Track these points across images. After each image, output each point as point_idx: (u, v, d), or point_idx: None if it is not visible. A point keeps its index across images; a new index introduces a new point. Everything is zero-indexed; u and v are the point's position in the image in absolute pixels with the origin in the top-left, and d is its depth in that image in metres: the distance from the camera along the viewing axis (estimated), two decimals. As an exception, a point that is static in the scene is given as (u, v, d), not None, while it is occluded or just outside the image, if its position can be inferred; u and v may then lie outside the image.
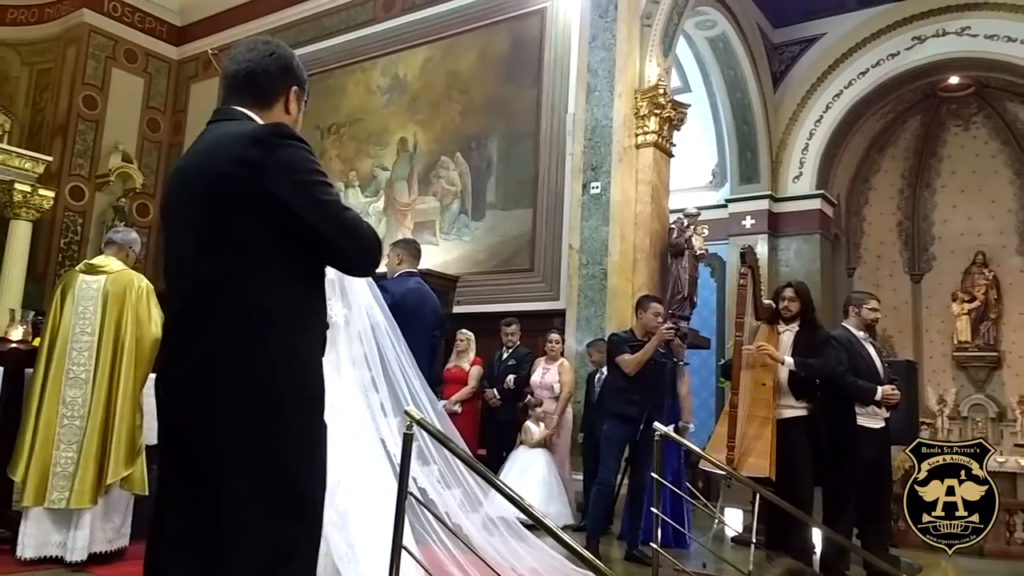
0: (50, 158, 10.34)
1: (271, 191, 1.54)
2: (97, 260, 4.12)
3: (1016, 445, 9.82)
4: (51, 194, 10.11)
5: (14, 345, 4.34)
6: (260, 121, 1.71)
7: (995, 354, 10.65)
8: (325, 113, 9.80)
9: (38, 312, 6.10)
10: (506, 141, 8.41)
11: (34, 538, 3.73)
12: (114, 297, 3.97)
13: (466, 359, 6.81)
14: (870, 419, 4.48)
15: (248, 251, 1.56)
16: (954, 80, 10.44)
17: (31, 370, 4.25)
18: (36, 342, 4.43)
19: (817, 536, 4.37)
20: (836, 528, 4.14)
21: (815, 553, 4.37)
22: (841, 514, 4.38)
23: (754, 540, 4.21)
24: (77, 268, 4.13)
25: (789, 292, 4.71)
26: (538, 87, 8.25)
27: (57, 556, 3.74)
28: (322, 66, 9.77)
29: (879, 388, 4.42)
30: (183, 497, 1.55)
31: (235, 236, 1.56)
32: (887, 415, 4.53)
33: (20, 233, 9.80)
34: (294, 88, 1.81)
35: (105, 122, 11.29)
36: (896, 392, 4.45)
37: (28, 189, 9.72)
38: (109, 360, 3.90)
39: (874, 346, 4.71)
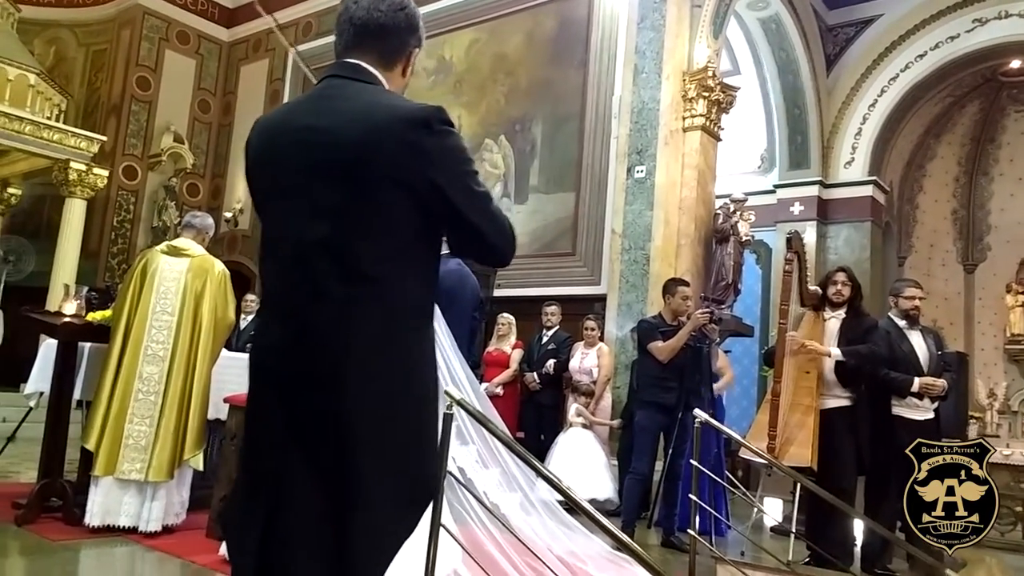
0: (104, 138, 10.59)
1: (430, 177, 1.48)
2: (179, 243, 4.27)
3: (1070, 442, 9.53)
4: (105, 173, 10.37)
5: (68, 319, 4.46)
6: (385, 83, 1.64)
7: (1050, 348, 10.32)
8: (414, 71, 9.82)
9: (91, 288, 6.27)
10: (551, 124, 8.36)
11: (102, 507, 3.88)
12: (196, 281, 4.14)
13: (507, 342, 6.83)
14: (910, 410, 4.39)
15: (398, 233, 1.49)
16: (1015, 64, 10.06)
17: (86, 344, 4.41)
18: (90, 316, 4.57)
19: (859, 528, 4.30)
20: (878, 520, 4.07)
21: (856, 545, 4.30)
22: (882, 506, 4.30)
23: (794, 530, 4.16)
24: (158, 248, 4.28)
25: (841, 276, 4.62)
26: (584, 69, 8.17)
27: (123, 526, 3.88)
28: (368, 48, 9.80)
29: (916, 380, 4.32)
30: (314, 492, 1.47)
31: (385, 216, 1.48)
32: (934, 406, 4.42)
33: (75, 211, 10.08)
34: (416, 49, 1.72)
35: (158, 103, 11.53)
36: (936, 383, 4.34)
37: (83, 168, 9.98)
38: (188, 341, 4.07)
39: (924, 335, 4.59)
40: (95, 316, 4.52)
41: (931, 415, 4.46)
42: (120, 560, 3.73)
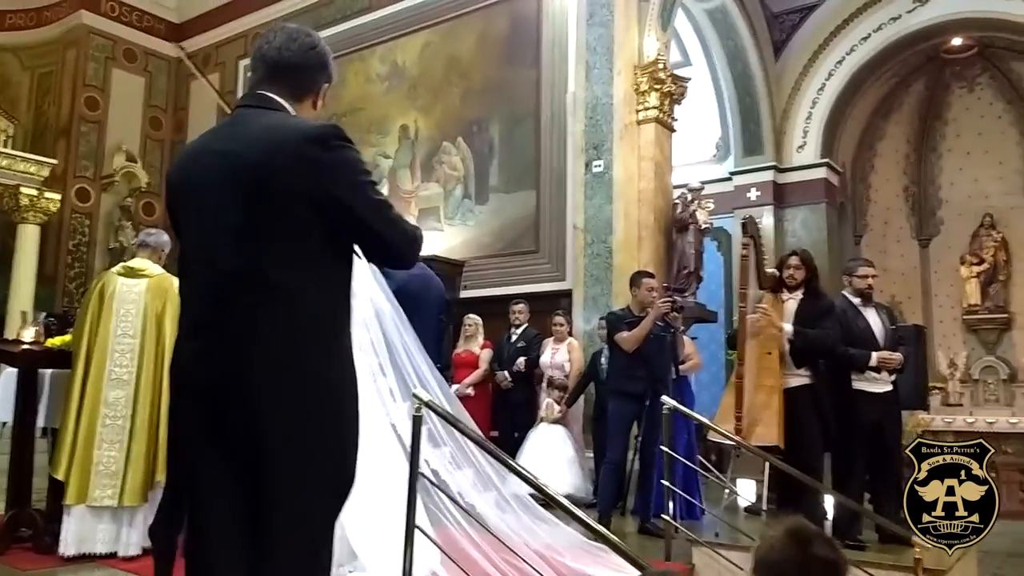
0: (55, 161, 10.41)
1: (330, 191, 1.62)
2: (135, 263, 4.19)
3: (1029, 406, 9.82)
4: (57, 197, 10.19)
5: (26, 346, 4.40)
6: (292, 112, 1.77)
7: (1005, 316, 10.59)
8: (325, 103, 9.76)
9: (49, 314, 6.18)
10: (507, 123, 8.40)
11: (76, 535, 3.81)
12: (155, 301, 4.07)
13: (475, 343, 6.86)
14: (869, 383, 4.49)
15: (302, 245, 1.62)
16: (957, 42, 10.32)
17: (47, 371, 4.34)
18: (49, 343, 4.50)
19: (829, 502, 4.40)
20: (846, 493, 4.17)
21: (827, 519, 4.40)
22: (850, 479, 4.41)
23: (765, 509, 4.25)
24: (114, 271, 4.20)
25: (794, 260, 4.71)
26: (537, 67, 8.22)
27: (99, 553, 3.82)
28: (320, 56, 9.76)
29: (873, 354, 4.43)
30: (235, 487, 1.57)
31: (289, 229, 1.61)
32: (892, 379, 4.54)
33: (28, 236, 9.89)
34: (325, 84, 1.87)
35: (108, 123, 11.34)
36: (893, 356, 4.46)
37: (34, 192, 9.80)
38: (152, 362, 4.00)
39: (878, 311, 4.71)
40: (54, 342, 4.46)
41: (890, 387, 4.57)
42: (97, 585, 3.69)
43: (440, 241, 8.38)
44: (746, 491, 5.46)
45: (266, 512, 1.56)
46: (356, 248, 1.76)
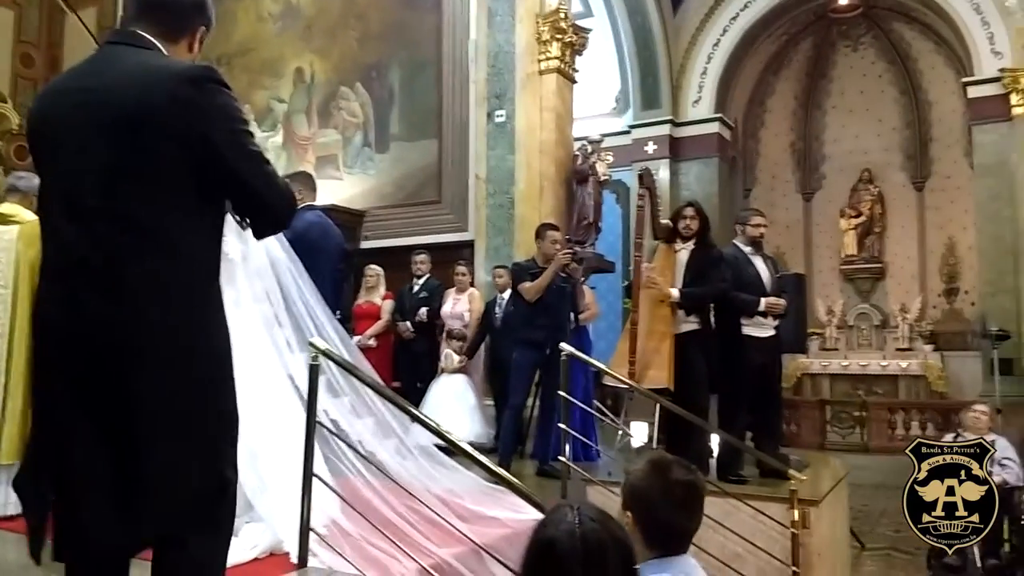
0: (-89, 99, 9.52)
1: (204, 134, 1.56)
2: (5, 210, 3.89)
3: (898, 350, 10.59)
4: (-84, 138, 9.34)
5: None
6: (165, 53, 1.69)
7: (879, 266, 11.33)
8: (214, 43, 9.26)
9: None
10: (407, 70, 8.22)
11: None
12: (29, 249, 3.77)
13: (377, 294, 6.79)
14: (756, 328, 4.73)
15: (172, 188, 1.56)
16: (843, 1, 10.76)
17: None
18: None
19: (714, 440, 4.65)
20: (731, 432, 4.42)
21: (712, 456, 4.66)
22: (735, 419, 4.66)
23: (656, 448, 4.46)
24: None
25: (690, 211, 4.86)
26: (438, 12, 8.04)
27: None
28: (208, -7, 9.24)
29: (762, 300, 4.67)
30: (105, 441, 1.52)
31: (158, 172, 1.55)
32: (775, 324, 4.79)
33: None
34: (202, 28, 1.81)
35: (-29, 58, 10.43)
36: (779, 302, 4.71)
37: None
38: (27, 314, 3.73)
39: (765, 260, 4.94)
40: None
41: (774, 332, 4.84)
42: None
43: (339, 190, 8.20)
44: (639, 432, 5.70)
45: (141, 470, 1.51)
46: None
